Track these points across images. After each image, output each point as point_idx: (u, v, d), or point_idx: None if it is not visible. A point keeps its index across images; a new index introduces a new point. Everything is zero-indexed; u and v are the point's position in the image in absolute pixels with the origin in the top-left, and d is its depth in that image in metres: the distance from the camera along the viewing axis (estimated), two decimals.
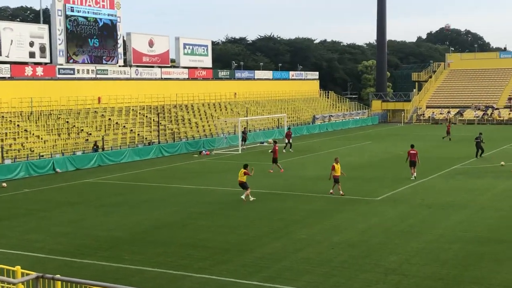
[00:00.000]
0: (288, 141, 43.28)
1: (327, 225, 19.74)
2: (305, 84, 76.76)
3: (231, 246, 17.34)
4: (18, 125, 38.96)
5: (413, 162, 29.47)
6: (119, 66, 50.74)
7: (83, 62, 47.45)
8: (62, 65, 45.51)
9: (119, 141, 41.85)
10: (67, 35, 45.67)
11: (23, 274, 9.37)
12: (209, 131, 51.47)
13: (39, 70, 43.55)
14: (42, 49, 44.15)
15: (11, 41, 42.13)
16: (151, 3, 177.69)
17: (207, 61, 61.47)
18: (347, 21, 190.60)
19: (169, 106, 52.98)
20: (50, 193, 27.34)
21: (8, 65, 41.46)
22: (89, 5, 47.27)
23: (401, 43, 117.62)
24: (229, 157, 41.34)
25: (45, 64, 44.48)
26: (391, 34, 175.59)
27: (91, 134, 41.15)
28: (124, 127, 44.96)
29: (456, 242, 17.37)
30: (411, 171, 29.49)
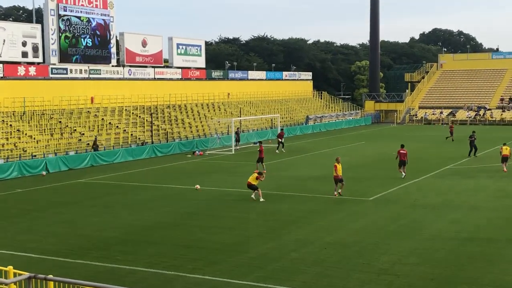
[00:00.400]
0: (280, 141, 43.31)
1: (320, 226, 19.76)
2: (298, 84, 76.84)
3: (224, 246, 17.33)
4: (10, 125, 38.78)
5: (403, 161, 29.78)
6: (112, 66, 50.60)
7: (76, 61, 47.29)
8: (55, 64, 45.35)
9: (112, 141, 41.74)
10: (60, 34, 45.50)
11: (15, 274, 9.32)
12: (203, 131, 51.41)
13: (32, 69, 43.37)
14: (34, 49, 43.98)
15: (4, 41, 41.94)
16: (145, 3, 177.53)
17: (201, 61, 61.40)
18: (340, 21, 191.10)
19: (162, 106, 52.89)
20: (42, 193, 27.23)
21: (0, 65, 41.27)
22: (82, 5, 47.12)
23: (394, 44, 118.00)
24: (222, 157, 41.30)
25: (38, 63, 44.31)
26: (384, 34, 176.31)
27: (84, 134, 41.02)
28: (117, 127, 44.84)
29: (449, 242, 17.42)
30: (400, 170, 29.84)
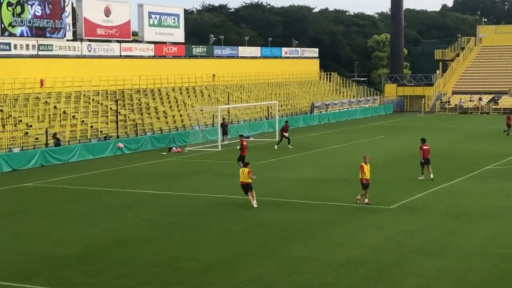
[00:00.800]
0: (284, 136, 43.34)
1: (329, 240, 19.88)
2: (301, 63, 76.88)
3: (208, 267, 17.39)
4: None
5: (427, 160, 30.05)
6: (67, 40, 50.43)
7: (22, 35, 47.15)
8: None
9: (68, 135, 41.67)
10: (1, 1, 45.33)
11: None
12: (181, 122, 51.37)
13: None
14: None
15: None
16: None
17: (179, 35, 61.29)
18: None
19: (130, 91, 52.83)
20: None
21: None
22: None
23: (422, 13, 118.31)
24: (206, 155, 41.36)
25: None
26: (409, 1, 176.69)
27: (31, 126, 40.98)
28: (73, 117, 44.78)
29: (489, 260, 17.58)
30: (423, 171, 30.15)
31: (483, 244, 19.18)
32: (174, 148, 43.58)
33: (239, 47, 69.79)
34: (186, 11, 76.49)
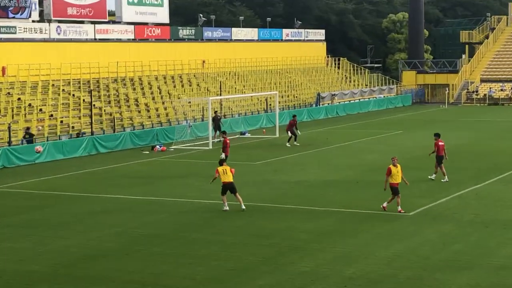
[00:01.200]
0: (292, 131, 43.22)
1: (338, 253, 19.84)
2: (305, 47, 76.83)
3: (196, 284, 17.32)
4: None
5: (441, 157, 30.44)
6: (33, 21, 50.29)
7: None
8: None
9: (33, 132, 41.59)
10: None
11: None
12: (166, 116, 51.29)
13: None
14: None
15: None
16: None
17: (162, 14, 61.16)
18: None
19: (106, 80, 52.73)
20: None
21: None
22: None
23: None
24: (194, 154, 41.30)
25: None
26: None
27: None
28: (40, 110, 44.70)
29: None
30: (437, 170, 30.55)
31: None
32: (157, 146, 43.50)
33: (233, 29, 69.69)
34: None
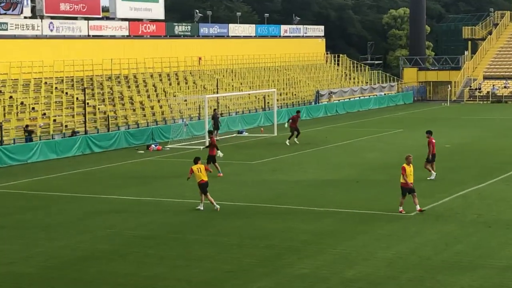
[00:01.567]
0: (296, 129, 43.24)
1: (337, 254, 19.83)
2: (304, 44, 76.84)
3: (194, 287, 17.30)
4: None
5: (434, 155, 30.78)
6: (25, 17, 50.25)
7: None
8: None
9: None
10: None
11: None
12: (161, 115, 51.25)
13: None
14: None
15: None
16: None
17: (158, 10, 61.13)
18: None
19: (100, 77, 52.69)
20: None
21: None
22: None
23: None
24: (191, 153, 41.20)
25: None
26: None
27: None
28: (33, 109, 44.67)
29: None
30: (428, 167, 30.79)
31: None
32: (153, 145, 43.48)
33: (230, 25, 69.66)
34: None
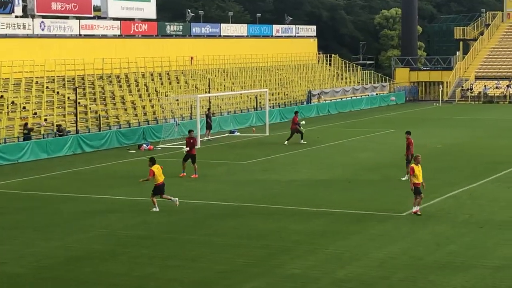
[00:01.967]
0: (298, 130, 43.20)
1: (330, 254, 19.87)
2: (296, 44, 76.86)
3: (186, 287, 17.30)
4: None
5: (412, 156, 30.54)
6: (16, 16, 50.12)
7: None
8: None
9: (16, 130, 41.49)
10: None
11: None
12: (153, 114, 51.21)
13: None
14: None
15: None
16: None
17: (149, 10, 61.05)
18: None
19: (92, 77, 52.62)
20: None
21: None
22: None
23: None
24: (183, 153, 41.15)
25: None
26: None
27: None
28: (24, 108, 44.58)
29: None
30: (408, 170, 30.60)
31: None
32: (144, 145, 43.48)
33: (222, 25, 69.62)
34: None
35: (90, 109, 47.76)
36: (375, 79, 79.49)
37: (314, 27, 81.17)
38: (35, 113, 44.40)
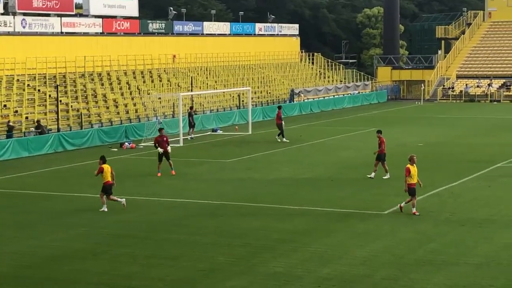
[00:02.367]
0: (281, 125, 43.32)
1: (312, 253, 19.85)
2: (279, 42, 76.88)
3: (168, 285, 17.25)
4: None
5: (385, 155, 31.08)
6: None
7: None
8: None
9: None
10: None
11: None
12: (135, 112, 51.08)
13: None
14: None
15: None
16: None
17: (131, 7, 60.87)
18: None
19: (73, 75, 52.42)
20: None
21: None
22: None
23: None
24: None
25: None
26: None
27: None
28: (5, 106, 44.34)
29: (500, 275, 17.66)
30: (376, 168, 30.93)
31: (494, 256, 19.26)
32: (126, 143, 43.35)
33: (205, 23, 69.56)
34: None
35: (71, 107, 47.57)
36: (358, 77, 79.67)
37: (296, 26, 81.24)
38: (16, 111, 44.19)
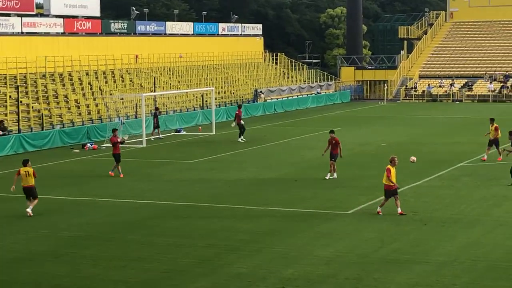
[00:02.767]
0: (238, 125, 43.41)
1: (276, 253, 19.86)
2: (242, 42, 76.86)
3: (131, 287, 17.14)
4: None
5: (335, 155, 30.78)
6: None
7: None
8: None
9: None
10: None
11: None
12: (97, 113, 50.73)
13: None
14: None
15: None
16: None
17: (93, 7, 60.42)
18: None
19: (34, 75, 51.92)
20: None
21: None
22: None
23: None
24: (128, 152, 40.89)
25: None
26: None
27: None
28: None
29: (463, 274, 17.81)
30: (332, 168, 30.91)
31: (456, 255, 19.42)
32: (88, 144, 43.06)
33: (167, 23, 69.28)
34: None
35: (32, 108, 47.11)
36: (321, 77, 79.90)
37: (260, 26, 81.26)
38: None
